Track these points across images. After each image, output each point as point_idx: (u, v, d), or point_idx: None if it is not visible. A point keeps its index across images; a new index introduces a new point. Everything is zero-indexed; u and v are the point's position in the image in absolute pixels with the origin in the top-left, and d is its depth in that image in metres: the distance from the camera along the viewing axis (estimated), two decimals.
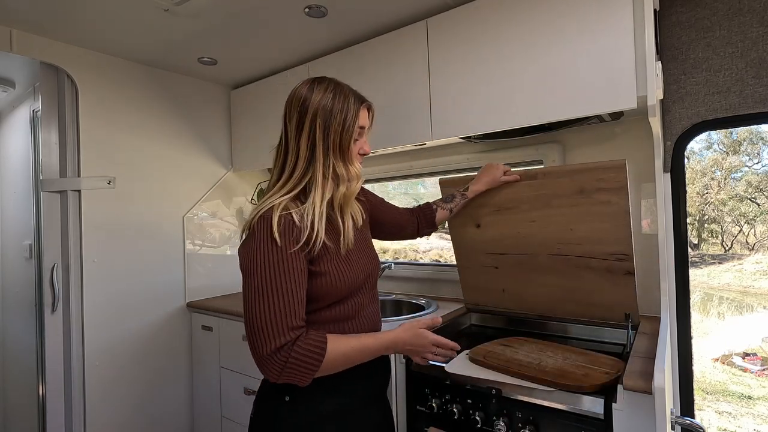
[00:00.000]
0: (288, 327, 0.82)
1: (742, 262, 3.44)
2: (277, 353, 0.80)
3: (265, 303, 0.82)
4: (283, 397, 0.92)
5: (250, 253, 0.85)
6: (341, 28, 1.65)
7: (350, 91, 0.98)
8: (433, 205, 1.36)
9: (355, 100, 0.97)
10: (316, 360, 0.83)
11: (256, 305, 0.82)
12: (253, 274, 0.83)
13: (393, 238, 1.33)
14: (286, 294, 0.83)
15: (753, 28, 1.29)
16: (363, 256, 1.01)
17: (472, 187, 1.38)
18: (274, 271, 0.83)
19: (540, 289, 1.44)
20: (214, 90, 2.22)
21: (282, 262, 0.84)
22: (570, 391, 0.99)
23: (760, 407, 2.91)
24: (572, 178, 1.28)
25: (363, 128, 0.99)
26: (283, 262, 0.84)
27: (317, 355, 0.83)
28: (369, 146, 1.02)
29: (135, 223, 1.88)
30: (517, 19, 1.33)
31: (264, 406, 0.96)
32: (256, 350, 0.82)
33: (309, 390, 0.89)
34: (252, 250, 0.85)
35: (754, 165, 3.27)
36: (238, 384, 1.81)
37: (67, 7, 1.46)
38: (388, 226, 1.25)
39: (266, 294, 0.82)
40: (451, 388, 1.16)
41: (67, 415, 1.71)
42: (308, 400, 0.92)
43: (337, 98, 0.94)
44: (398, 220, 1.28)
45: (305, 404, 0.92)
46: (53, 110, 1.74)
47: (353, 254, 0.98)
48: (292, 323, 0.83)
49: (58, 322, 1.71)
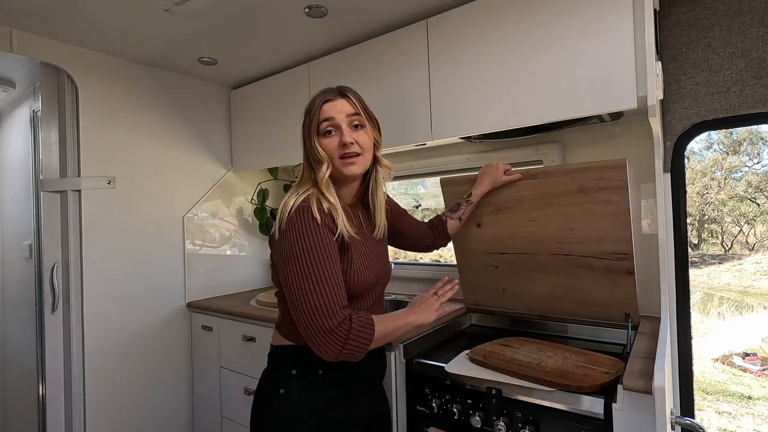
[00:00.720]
0: (340, 306, 0.90)
1: (742, 262, 3.44)
2: (337, 330, 0.88)
3: (317, 285, 0.89)
4: (278, 390, 0.99)
5: (294, 240, 0.91)
6: (341, 28, 1.65)
7: (326, 89, 1.05)
8: (442, 217, 1.40)
9: (321, 95, 1.04)
10: (370, 336, 0.91)
11: (307, 288, 0.88)
12: (301, 259, 0.90)
13: (409, 249, 1.41)
14: (333, 276, 0.91)
15: (753, 28, 1.29)
16: (379, 263, 1.10)
17: (475, 191, 1.39)
18: (320, 255, 0.91)
19: (540, 289, 1.44)
20: (214, 90, 2.22)
21: (326, 246, 0.92)
22: (570, 391, 0.99)
23: (760, 407, 2.91)
24: (573, 177, 1.28)
25: (328, 120, 1.02)
26: (326, 246, 0.92)
27: (370, 332, 0.91)
28: (349, 135, 1.02)
29: (135, 223, 1.88)
30: (517, 19, 1.33)
31: (261, 395, 1.04)
32: (315, 329, 0.88)
33: (304, 383, 0.99)
34: (296, 237, 0.91)
35: (754, 165, 3.27)
36: (238, 384, 1.81)
37: (67, 7, 1.46)
38: (407, 236, 1.33)
39: (316, 277, 0.89)
40: (451, 388, 1.16)
41: (67, 415, 1.71)
42: (302, 393, 0.99)
43: (312, 100, 1.05)
44: (417, 232, 1.35)
45: (300, 396, 0.99)
46: (53, 110, 1.74)
47: (372, 258, 1.07)
48: (343, 302, 0.91)
49: (58, 322, 1.71)
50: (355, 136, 1.02)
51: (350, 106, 1.03)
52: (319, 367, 0.99)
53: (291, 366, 1.01)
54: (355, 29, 1.66)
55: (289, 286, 0.91)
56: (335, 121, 1.01)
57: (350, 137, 1.01)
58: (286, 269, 0.92)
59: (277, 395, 0.99)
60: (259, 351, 1.73)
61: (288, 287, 0.91)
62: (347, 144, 1.01)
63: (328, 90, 1.05)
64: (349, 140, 1.01)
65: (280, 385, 1.00)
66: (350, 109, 1.03)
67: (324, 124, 1.02)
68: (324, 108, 1.02)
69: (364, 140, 1.04)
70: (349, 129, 1.02)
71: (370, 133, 1.06)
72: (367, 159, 1.06)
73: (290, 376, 1.00)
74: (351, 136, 1.01)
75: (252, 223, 2.37)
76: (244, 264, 2.34)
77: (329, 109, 1.02)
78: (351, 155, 1.02)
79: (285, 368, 1.01)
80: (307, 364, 0.99)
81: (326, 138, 1.02)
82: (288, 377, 1.00)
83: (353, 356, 0.90)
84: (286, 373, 1.01)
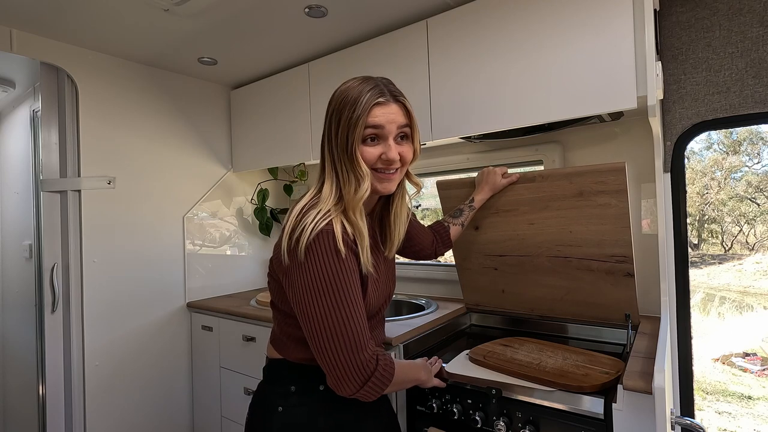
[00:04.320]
0: (367, 338, 0.81)
1: (742, 262, 3.44)
2: (364, 367, 0.79)
3: (343, 319, 0.79)
4: (277, 407, 0.91)
5: (315, 271, 0.79)
6: (341, 28, 1.65)
7: (374, 84, 0.87)
8: (444, 223, 1.34)
9: (372, 93, 0.85)
10: (389, 379, 0.83)
11: (332, 321, 0.79)
12: (325, 291, 0.79)
13: (409, 256, 1.30)
14: (359, 308, 0.81)
15: (753, 28, 1.29)
16: (389, 284, 1.02)
17: (477, 197, 1.38)
18: (345, 287, 0.80)
19: (540, 290, 1.44)
20: (214, 90, 2.22)
21: (351, 276, 0.81)
22: (570, 391, 0.99)
23: (760, 407, 2.91)
24: (571, 180, 1.28)
25: (377, 127, 0.86)
26: (352, 276, 0.81)
27: (390, 376, 0.83)
28: (395, 150, 0.87)
29: (135, 223, 1.88)
30: (517, 19, 1.33)
31: (258, 411, 0.96)
32: (341, 363, 0.79)
33: (304, 400, 0.90)
34: (318, 267, 0.79)
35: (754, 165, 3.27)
36: (238, 384, 1.81)
37: (67, 7, 1.46)
38: (413, 243, 1.24)
39: (341, 310, 0.79)
40: (451, 388, 1.16)
41: (67, 415, 1.71)
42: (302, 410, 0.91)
43: (354, 90, 0.86)
44: (423, 239, 1.26)
45: (300, 413, 0.91)
46: (53, 110, 1.74)
47: (383, 281, 0.97)
48: (368, 335, 0.82)
49: (58, 322, 1.71)
50: (400, 149, 0.88)
51: (403, 117, 0.88)
52: (320, 382, 0.90)
53: (290, 382, 0.92)
54: (355, 29, 1.66)
55: (311, 318, 0.80)
56: (384, 131, 0.86)
57: (395, 152, 0.87)
58: (305, 300, 0.81)
59: (275, 412, 0.91)
60: (259, 351, 1.73)
61: (308, 318, 0.81)
62: (391, 160, 0.87)
63: (376, 86, 0.87)
64: (395, 156, 0.87)
65: (278, 402, 0.92)
66: (403, 120, 0.88)
67: (369, 130, 0.85)
68: (375, 112, 0.85)
69: (408, 154, 0.90)
70: (394, 142, 0.88)
71: (413, 145, 0.92)
72: (403, 173, 0.93)
73: (289, 392, 0.91)
74: (396, 151, 0.87)
75: (252, 223, 2.37)
76: (244, 264, 2.34)
77: (381, 115, 0.85)
78: (391, 171, 0.89)
79: (284, 384, 0.93)
80: (308, 380, 0.91)
81: (366, 146, 0.86)
82: (287, 394, 0.91)
83: (368, 396, 0.82)
84: (285, 390, 0.92)
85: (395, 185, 0.92)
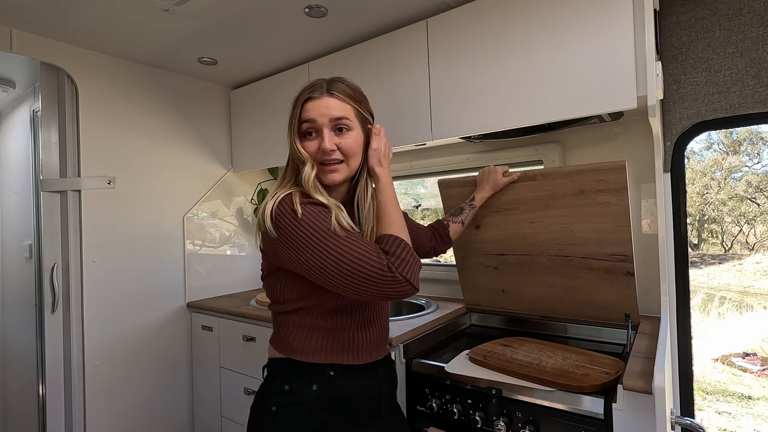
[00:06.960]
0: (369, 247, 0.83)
1: (742, 262, 3.44)
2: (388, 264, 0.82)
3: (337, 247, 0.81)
4: (270, 407, 0.91)
5: (289, 225, 0.83)
6: (341, 28, 1.65)
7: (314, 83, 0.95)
8: (444, 221, 1.34)
9: (305, 91, 0.93)
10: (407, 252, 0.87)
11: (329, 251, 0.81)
12: (309, 237, 0.82)
13: None
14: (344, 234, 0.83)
15: (753, 28, 1.29)
16: None
17: (478, 196, 1.38)
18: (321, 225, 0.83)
19: (540, 290, 1.44)
20: (214, 90, 2.22)
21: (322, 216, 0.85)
22: (570, 391, 0.99)
23: (760, 407, 2.91)
24: (572, 179, 1.28)
25: (309, 122, 0.91)
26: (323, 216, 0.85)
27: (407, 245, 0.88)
28: (329, 141, 0.91)
29: (135, 223, 1.88)
30: (517, 19, 1.33)
31: (254, 410, 0.96)
32: (365, 277, 0.80)
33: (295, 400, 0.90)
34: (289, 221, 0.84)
35: (754, 165, 3.27)
36: (238, 384, 1.81)
37: (67, 7, 1.46)
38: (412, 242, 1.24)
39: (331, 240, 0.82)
40: (451, 388, 1.16)
41: (67, 415, 1.71)
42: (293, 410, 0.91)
43: (299, 91, 0.95)
44: (417, 236, 1.26)
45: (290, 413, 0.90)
46: (53, 110, 1.74)
47: None
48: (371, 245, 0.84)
49: (58, 322, 1.71)
50: (338, 140, 0.92)
51: (336, 109, 0.91)
52: (313, 382, 0.90)
53: (284, 380, 0.92)
54: (355, 29, 1.66)
55: (311, 265, 0.82)
56: (316, 124, 0.91)
57: (331, 143, 0.90)
58: (298, 254, 0.83)
59: (268, 411, 0.91)
60: (259, 351, 1.73)
61: (310, 267, 0.82)
62: (326, 151, 0.90)
63: (317, 84, 0.93)
64: (330, 147, 0.90)
65: (271, 401, 0.92)
66: (336, 112, 0.91)
67: (304, 125, 0.92)
68: (306, 107, 0.92)
69: (349, 145, 0.92)
70: (330, 133, 0.91)
71: (358, 136, 0.95)
72: (352, 165, 0.95)
73: (282, 391, 0.91)
74: (332, 142, 0.91)
75: (252, 223, 2.37)
76: (244, 264, 2.34)
77: (312, 109, 0.91)
78: (332, 162, 0.92)
79: (278, 383, 0.93)
80: (302, 379, 0.91)
81: (307, 140, 0.92)
82: (280, 392, 0.91)
83: (414, 269, 0.86)
84: (278, 388, 0.92)
85: (341, 176, 0.94)
